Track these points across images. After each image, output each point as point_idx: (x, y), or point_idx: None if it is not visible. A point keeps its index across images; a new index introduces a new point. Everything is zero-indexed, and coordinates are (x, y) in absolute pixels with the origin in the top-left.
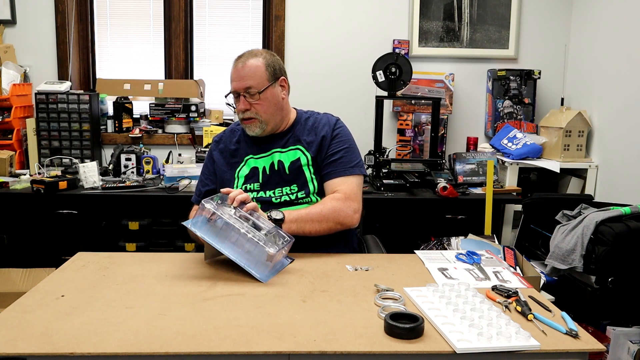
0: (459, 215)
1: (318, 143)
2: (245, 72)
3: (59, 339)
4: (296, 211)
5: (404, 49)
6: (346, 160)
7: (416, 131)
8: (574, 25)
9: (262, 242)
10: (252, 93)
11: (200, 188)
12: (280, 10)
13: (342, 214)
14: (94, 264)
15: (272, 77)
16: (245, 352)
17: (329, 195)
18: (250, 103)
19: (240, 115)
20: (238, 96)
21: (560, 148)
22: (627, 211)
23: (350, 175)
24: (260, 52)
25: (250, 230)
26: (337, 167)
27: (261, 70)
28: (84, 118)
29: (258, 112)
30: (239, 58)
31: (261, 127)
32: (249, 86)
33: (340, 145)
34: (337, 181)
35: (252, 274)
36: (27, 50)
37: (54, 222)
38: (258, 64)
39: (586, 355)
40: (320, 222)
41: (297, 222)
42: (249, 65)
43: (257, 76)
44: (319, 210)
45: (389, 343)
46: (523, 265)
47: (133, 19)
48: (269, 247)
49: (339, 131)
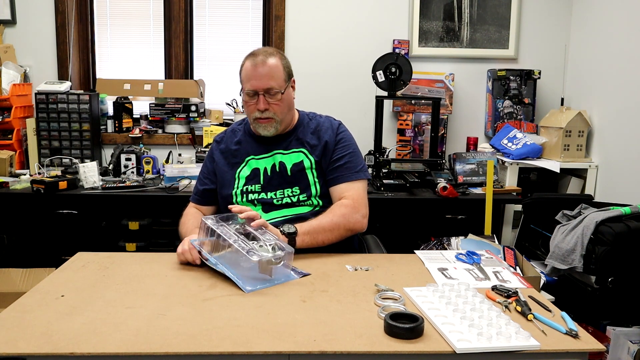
0: (459, 215)
1: (322, 147)
2: (267, 72)
3: (59, 339)
4: (307, 223)
5: (404, 49)
6: (351, 165)
7: (416, 131)
8: (574, 25)
9: (244, 251)
10: (273, 93)
11: (199, 187)
12: (280, 10)
13: (353, 220)
14: (94, 264)
15: (288, 78)
16: (245, 352)
17: (338, 203)
18: (269, 103)
19: (258, 114)
20: (254, 95)
21: (560, 148)
22: (627, 211)
23: (356, 181)
24: (275, 51)
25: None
26: (343, 172)
27: (280, 71)
28: (84, 118)
29: (275, 113)
30: (256, 56)
31: (276, 127)
32: (270, 86)
33: (345, 150)
34: (344, 187)
35: (234, 280)
36: (27, 50)
37: (54, 222)
38: (277, 63)
39: (586, 355)
40: (332, 231)
41: (310, 234)
42: (269, 65)
43: (277, 76)
44: (330, 219)
45: (389, 343)
46: (523, 265)
47: (133, 19)
48: (252, 256)
49: (342, 135)
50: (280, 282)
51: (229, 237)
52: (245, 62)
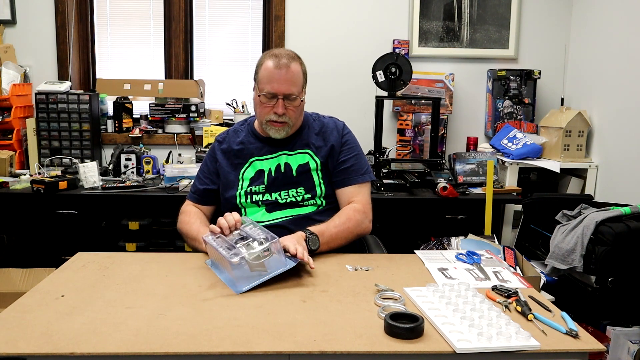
0: (459, 215)
1: (328, 150)
2: (290, 77)
3: (59, 339)
4: (328, 232)
5: (404, 49)
6: (358, 168)
7: (416, 131)
8: (574, 25)
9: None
10: (292, 99)
11: (199, 186)
12: (280, 10)
13: (363, 225)
14: (94, 264)
15: (305, 84)
16: (245, 352)
17: (350, 208)
18: (286, 107)
19: (274, 117)
20: (272, 97)
21: (560, 148)
22: (627, 211)
23: (362, 183)
24: (297, 56)
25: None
26: (350, 175)
27: (301, 77)
28: (84, 118)
29: (290, 117)
30: (279, 58)
31: (287, 131)
32: (291, 92)
33: (351, 152)
34: (352, 190)
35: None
36: (27, 50)
37: (54, 222)
38: (299, 70)
39: (586, 355)
40: (346, 238)
41: (328, 244)
42: (293, 71)
43: (298, 83)
44: (346, 228)
45: (389, 343)
46: (523, 265)
47: (133, 19)
48: (232, 257)
49: (347, 137)
50: (276, 272)
51: (218, 246)
52: (266, 62)
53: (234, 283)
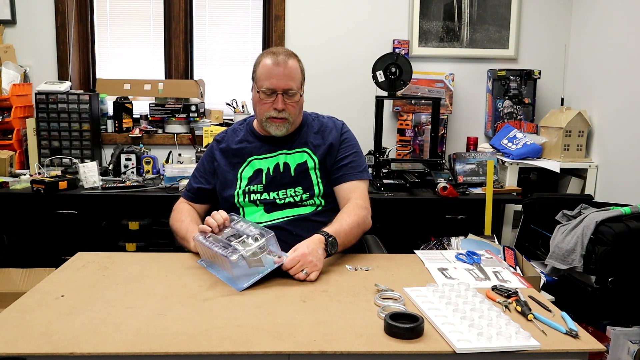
0: (459, 215)
1: (326, 148)
2: (288, 72)
3: (59, 339)
4: (343, 232)
5: (404, 49)
6: (356, 165)
7: (416, 131)
8: (574, 25)
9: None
10: (291, 94)
11: (193, 184)
12: (280, 10)
13: (367, 221)
14: (94, 264)
15: (303, 81)
16: (245, 352)
17: (352, 204)
18: (286, 103)
19: (274, 114)
20: (272, 94)
21: (560, 148)
22: (627, 211)
23: (360, 180)
24: (293, 53)
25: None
26: (348, 171)
27: (299, 73)
28: (84, 118)
29: (290, 114)
30: (276, 55)
31: (287, 127)
32: (290, 87)
33: (349, 150)
34: (350, 186)
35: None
36: (27, 50)
37: (54, 222)
38: (297, 66)
39: (586, 355)
40: (357, 236)
41: (343, 245)
42: (290, 66)
43: (297, 78)
44: (356, 225)
45: (388, 343)
46: (523, 265)
47: (133, 19)
48: (231, 255)
49: (346, 136)
50: (274, 266)
51: (212, 245)
52: (264, 60)
53: (234, 281)
